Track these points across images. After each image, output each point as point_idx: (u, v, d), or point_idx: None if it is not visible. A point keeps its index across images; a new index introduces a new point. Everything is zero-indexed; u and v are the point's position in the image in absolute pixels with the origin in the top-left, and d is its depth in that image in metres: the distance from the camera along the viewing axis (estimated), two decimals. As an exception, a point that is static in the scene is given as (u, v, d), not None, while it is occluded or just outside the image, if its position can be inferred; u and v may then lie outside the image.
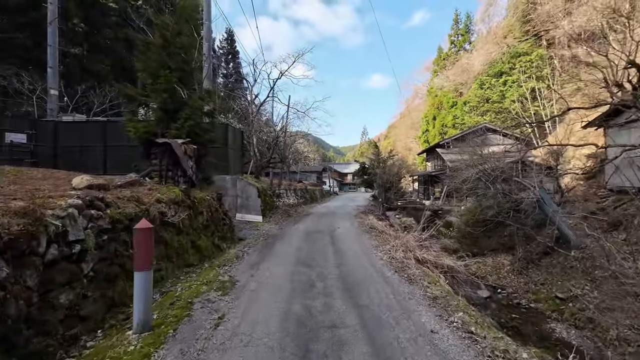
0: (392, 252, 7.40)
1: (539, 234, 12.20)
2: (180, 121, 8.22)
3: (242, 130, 16.20)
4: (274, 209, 16.18)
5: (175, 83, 8.44)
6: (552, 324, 8.33)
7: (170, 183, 7.30)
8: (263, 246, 8.56)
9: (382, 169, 21.63)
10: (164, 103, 8.26)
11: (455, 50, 47.56)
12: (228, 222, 9.43)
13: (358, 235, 10.48)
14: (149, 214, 5.24)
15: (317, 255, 7.38)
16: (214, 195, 8.83)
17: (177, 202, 6.64)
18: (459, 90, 43.10)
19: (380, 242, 9.11)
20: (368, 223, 13.00)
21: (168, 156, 7.25)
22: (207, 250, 7.33)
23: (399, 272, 5.97)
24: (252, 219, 13.65)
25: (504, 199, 12.73)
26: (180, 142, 7.79)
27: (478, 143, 23.76)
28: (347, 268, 6.22)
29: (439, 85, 46.40)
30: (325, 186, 49.94)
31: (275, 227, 12.43)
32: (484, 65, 37.62)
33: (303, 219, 15.44)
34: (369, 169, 24.57)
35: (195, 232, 7.08)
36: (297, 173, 43.02)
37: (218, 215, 8.70)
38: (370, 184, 25.63)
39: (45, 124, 13.45)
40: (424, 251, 7.51)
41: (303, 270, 5.97)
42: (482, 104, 36.53)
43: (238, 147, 15.62)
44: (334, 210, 20.51)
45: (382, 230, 11.61)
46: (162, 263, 5.44)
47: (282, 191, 20.36)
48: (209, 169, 9.76)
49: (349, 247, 8.40)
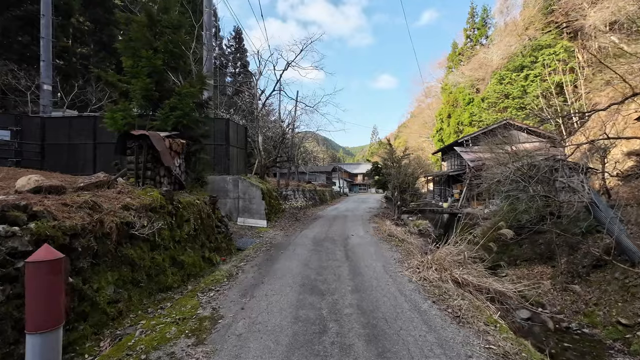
0: (423, 271, 5.90)
1: (585, 242, 10.51)
2: (165, 110, 6.89)
3: (245, 127, 14.90)
4: (280, 213, 14.81)
5: (160, 66, 7.12)
6: (617, 358, 6.69)
7: (150, 184, 5.98)
8: (264, 260, 7.16)
9: (397, 169, 20.04)
10: (147, 89, 6.95)
11: (471, 45, 45.43)
12: (224, 229, 8.07)
13: (376, 245, 8.99)
14: (103, 225, 3.90)
15: (329, 274, 5.93)
16: (206, 198, 7.48)
17: (153, 208, 5.29)
18: (476, 87, 41.01)
19: (404, 255, 7.60)
20: (385, 229, 11.48)
21: (146, 152, 5.93)
22: (193, 267, 5.97)
23: (438, 303, 4.48)
24: (255, 224, 12.30)
25: (543, 203, 11.05)
26: (164, 135, 6.46)
27: (508, 140, 21.94)
28: (369, 296, 4.75)
29: (453, 81, 44.34)
30: (335, 187, 48.45)
31: (281, 233, 11.04)
32: (503, 59, 35.53)
33: (312, 223, 14.02)
34: (382, 168, 22.99)
35: (178, 245, 5.72)
36: (305, 174, 41.67)
37: (211, 223, 7.34)
38: (383, 185, 24.06)
39: (31, 120, 12.40)
40: (462, 270, 5.98)
41: (311, 300, 4.52)
42: (501, 100, 34.45)
43: (241, 144, 14.33)
44: (345, 214, 19.03)
45: (403, 238, 10.08)
46: (122, 291, 4.08)
47: (289, 192, 19.00)
48: (202, 168, 8.43)
49: (367, 262, 6.92)
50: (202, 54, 14.46)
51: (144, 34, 7.19)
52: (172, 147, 6.65)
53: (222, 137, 12.54)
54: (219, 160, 12.54)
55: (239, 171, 13.75)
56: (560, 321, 8.43)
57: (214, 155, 12.47)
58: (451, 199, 25.15)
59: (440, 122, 47.12)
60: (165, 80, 7.52)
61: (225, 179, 12.45)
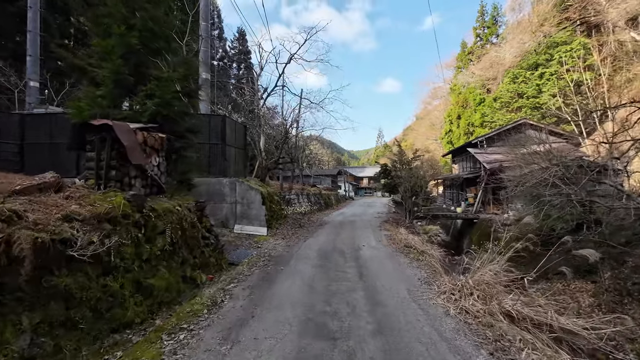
0: (461, 299, 4.56)
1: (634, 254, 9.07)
2: (140, 98, 5.69)
3: (245, 126, 13.70)
4: (282, 219, 13.53)
5: (136, 46, 5.92)
6: None
7: (114, 187, 4.75)
8: (259, 279, 5.86)
9: (408, 171, 18.68)
10: (118, 73, 5.75)
11: (481, 43, 43.99)
12: (213, 241, 6.80)
13: (392, 258, 7.65)
14: (10, 246, 2.65)
15: (340, 302, 4.62)
16: (190, 204, 6.23)
17: (112, 218, 4.06)
18: (487, 86, 39.53)
19: (430, 274, 6.26)
20: (401, 238, 10.12)
21: (110, 146, 4.70)
22: (167, 292, 4.70)
23: (498, 355, 3.14)
24: (254, 232, 11.03)
25: (584, 208, 9.62)
26: (135, 126, 5.24)
27: (524, 140, 20.46)
28: (398, 342, 3.43)
29: (463, 81, 42.92)
30: (340, 190, 47.09)
31: (282, 243, 9.75)
32: (517, 57, 34.07)
33: (317, 231, 12.71)
34: (391, 171, 21.62)
35: (146, 265, 4.46)
36: (310, 177, 40.43)
37: (195, 234, 6.08)
38: (393, 189, 22.67)
39: (9, 118, 11.32)
40: (512, 297, 4.61)
41: (317, 351, 3.21)
42: (515, 100, 32.93)
43: (240, 144, 13.12)
44: (352, 219, 17.68)
45: (422, 249, 8.71)
46: (45, 341, 2.82)
47: (293, 196, 17.72)
48: (189, 169, 7.20)
49: (387, 283, 5.59)
50: (205, 53, 13.35)
51: (118, 9, 6.03)
52: (146, 142, 5.42)
53: (218, 136, 11.34)
54: (214, 161, 11.33)
55: (238, 173, 12.54)
56: (612, 351, 7.02)
57: (209, 156, 11.28)
58: (465, 203, 23.65)
59: (450, 123, 45.63)
60: (144, 64, 6.32)
61: (222, 181, 11.23)
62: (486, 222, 19.75)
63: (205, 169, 11.16)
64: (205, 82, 13.35)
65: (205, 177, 11.10)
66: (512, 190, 13.24)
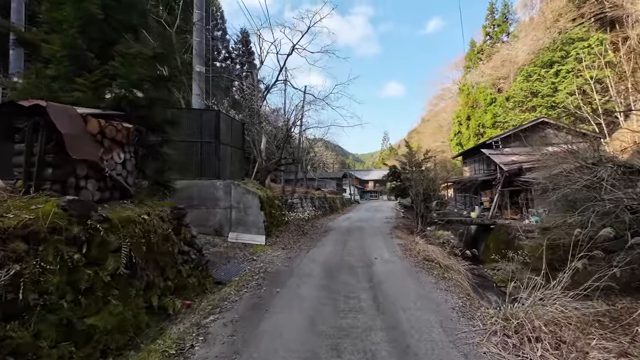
0: (523, 346, 3.24)
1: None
2: (96, 77, 4.51)
3: (242, 123, 12.53)
4: (284, 225, 12.28)
5: (98, 15, 4.75)
6: None
7: (53, 190, 3.55)
8: (247, 308, 4.59)
9: (419, 174, 17.36)
10: (73, 47, 4.58)
11: (491, 42, 42.58)
12: (195, 256, 5.56)
13: (413, 276, 6.33)
14: None
15: (353, 352, 3.33)
16: (164, 212, 5.00)
17: (31, 235, 2.85)
18: (498, 86, 38.07)
19: (464, 300, 4.93)
20: (418, 249, 8.80)
21: (44, 136, 3.52)
22: (120, 332, 3.47)
23: None
24: (251, 241, 9.79)
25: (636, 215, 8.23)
26: (85, 111, 4.04)
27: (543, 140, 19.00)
28: None
29: (473, 81, 41.49)
30: (345, 194, 45.76)
31: (282, 255, 8.48)
32: (530, 54, 32.62)
33: (322, 239, 11.43)
34: (400, 173, 20.28)
35: (85, 298, 3.23)
36: (315, 180, 39.19)
37: (169, 249, 4.85)
38: (402, 192, 21.29)
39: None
40: (598, 343, 3.30)
41: None
42: (529, 99, 31.42)
43: (237, 143, 11.93)
44: (360, 225, 16.38)
45: (447, 264, 7.39)
46: None
47: (295, 200, 16.49)
48: (167, 167, 6.00)
49: (414, 316, 4.28)
50: (199, 44, 12.23)
51: (78, -29, 4.87)
52: (104, 133, 4.22)
53: (211, 133, 10.15)
54: (207, 161, 10.15)
55: (234, 175, 11.34)
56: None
57: (200, 155, 10.09)
58: (479, 207, 22.19)
59: (459, 124, 44.16)
60: (112, 41, 5.15)
61: (215, 184, 10.03)
62: (504, 228, 18.29)
63: (196, 170, 10.00)
64: (200, 76, 12.22)
65: (195, 180, 9.92)
66: (541, 193, 11.86)
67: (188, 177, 9.86)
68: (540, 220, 15.99)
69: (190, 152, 9.94)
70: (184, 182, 9.84)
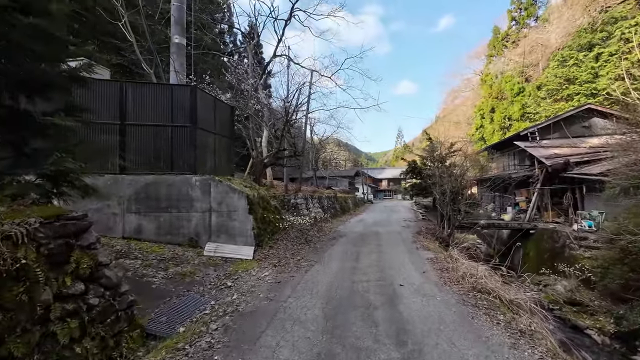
0: None
1: None
2: None
3: (232, 107, 10.27)
4: (282, 231, 9.95)
5: None
6: None
7: None
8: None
9: (446, 170, 14.76)
10: None
11: (517, 27, 39.07)
12: (99, 300, 3.29)
13: (466, 326, 3.88)
14: None
15: None
16: (31, 225, 2.74)
17: None
18: (526, 74, 34.68)
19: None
20: (457, 269, 6.27)
21: None
22: None
23: None
24: (234, 254, 7.52)
25: None
26: None
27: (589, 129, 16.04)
28: None
29: (497, 70, 38.16)
30: (358, 193, 43.16)
31: (270, 276, 6.15)
32: (565, 37, 29.19)
33: (328, 249, 9.06)
34: (422, 169, 17.67)
35: None
36: (326, 178, 36.81)
37: (24, 296, 2.59)
38: (422, 191, 18.68)
39: None
40: None
41: None
42: (564, 86, 28.04)
43: (224, 130, 9.68)
44: (375, 230, 13.91)
45: (511, 299, 4.86)
46: None
47: (300, 201, 14.16)
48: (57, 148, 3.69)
49: None
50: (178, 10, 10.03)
51: None
52: None
53: (185, 115, 7.92)
54: (179, 151, 7.92)
55: (220, 170, 9.11)
56: None
57: (171, 143, 7.88)
58: (513, 209, 19.30)
59: (481, 118, 40.88)
60: None
61: (189, 181, 7.79)
62: (548, 234, 15.38)
63: (166, 163, 7.80)
64: (179, 49, 10.05)
65: (164, 174, 7.72)
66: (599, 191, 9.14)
67: (157, 172, 7.69)
68: (596, 225, 13.11)
69: (157, 139, 7.76)
70: (149, 178, 7.67)
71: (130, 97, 7.65)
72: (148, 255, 6.43)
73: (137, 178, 7.54)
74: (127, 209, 7.46)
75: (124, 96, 7.59)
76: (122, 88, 7.60)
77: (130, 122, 7.61)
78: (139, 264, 5.76)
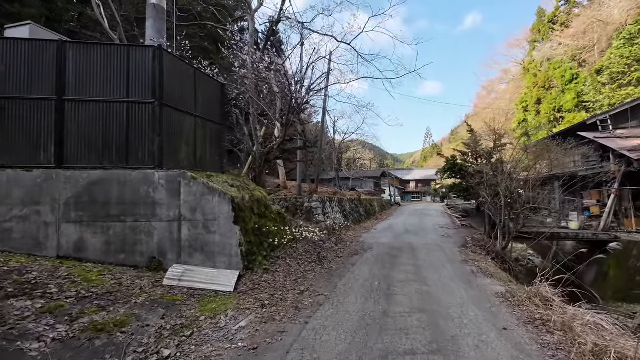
0: None
1: None
2: None
3: (222, 84, 8.03)
4: (284, 247, 7.51)
5: None
6: None
7: None
8: None
9: (500, 166, 11.76)
10: None
11: (566, 7, 34.44)
12: None
13: None
14: None
15: None
16: None
17: None
18: (580, 59, 30.15)
19: None
20: (566, 324, 3.54)
21: None
22: None
23: None
24: (208, 284, 5.19)
25: None
26: None
27: None
28: None
29: (543, 57, 33.74)
30: (384, 195, 40.06)
31: (246, 331, 3.72)
32: (633, 10, 24.70)
33: (346, 274, 6.52)
34: (463, 167, 14.65)
35: None
36: (349, 179, 34.17)
37: None
38: (465, 192, 15.59)
39: None
40: None
41: None
42: (633, 68, 23.60)
43: (211, 113, 7.43)
44: (408, 240, 11.16)
45: None
46: None
47: (315, 204, 11.68)
48: None
49: None
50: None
51: None
52: None
53: (146, 87, 5.73)
54: (137, 137, 5.72)
55: (202, 164, 6.88)
56: None
57: (126, 126, 5.70)
58: (582, 214, 15.68)
59: (524, 111, 36.46)
60: None
61: (151, 177, 5.57)
62: (637, 248, 11.92)
63: (118, 153, 5.64)
64: (158, 13, 7.97)
65: (115, 169, 5.56)
66: None
67: (106, 165, 5.55)
68: None
69: (108, 120, 5.63)
70: (95, 174, 5.53)
71: (72, 62, 5.57)
72: (70, 288, 4.24)
73: (78, 174, 5.43)
74: (64, 217, 5.36)
75: (63, 61, 5.53)
76: (61, 50, 5.54)
77: (71, 97, 5.53)
78: (34, 309, 3.56)
